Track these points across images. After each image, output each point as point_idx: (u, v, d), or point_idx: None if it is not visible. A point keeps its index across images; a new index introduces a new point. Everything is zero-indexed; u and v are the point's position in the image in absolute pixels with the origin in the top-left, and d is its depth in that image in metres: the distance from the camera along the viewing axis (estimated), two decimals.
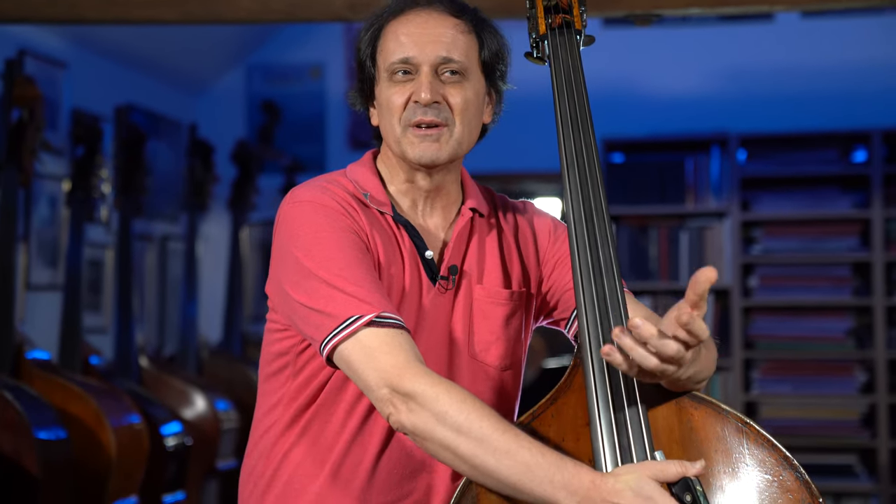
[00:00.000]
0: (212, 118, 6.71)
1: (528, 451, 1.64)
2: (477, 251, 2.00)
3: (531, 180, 6.74)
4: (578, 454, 1.74)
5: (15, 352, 4.02)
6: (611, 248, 1.81)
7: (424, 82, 1.90)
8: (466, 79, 1.93)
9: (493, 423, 1.66)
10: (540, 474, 1.62)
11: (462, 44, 1.93)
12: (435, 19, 1.93)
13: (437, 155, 1.92)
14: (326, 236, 1.84)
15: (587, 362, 1.74)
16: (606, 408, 1.71)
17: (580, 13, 2.03)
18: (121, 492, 4.07)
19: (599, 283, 1.78)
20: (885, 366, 5.83)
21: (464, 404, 1.67)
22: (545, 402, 1.80)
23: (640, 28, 4.08)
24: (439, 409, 1.68)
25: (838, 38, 6.27)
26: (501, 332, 1.98)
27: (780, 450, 1.74)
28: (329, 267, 1.80)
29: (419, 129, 1.91)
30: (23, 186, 4.29)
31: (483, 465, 1.65)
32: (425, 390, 1.69)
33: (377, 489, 1.91)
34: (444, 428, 1.67)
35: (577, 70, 1.97)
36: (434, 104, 1.90)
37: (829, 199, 5.99)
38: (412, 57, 1.91)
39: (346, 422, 1.91)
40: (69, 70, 5.47)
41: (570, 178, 1.87)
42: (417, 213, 2.00)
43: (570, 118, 1.92)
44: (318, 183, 1.95)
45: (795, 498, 1.71)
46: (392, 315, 1.77)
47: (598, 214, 1.83)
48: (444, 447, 1.68)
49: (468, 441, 1.66)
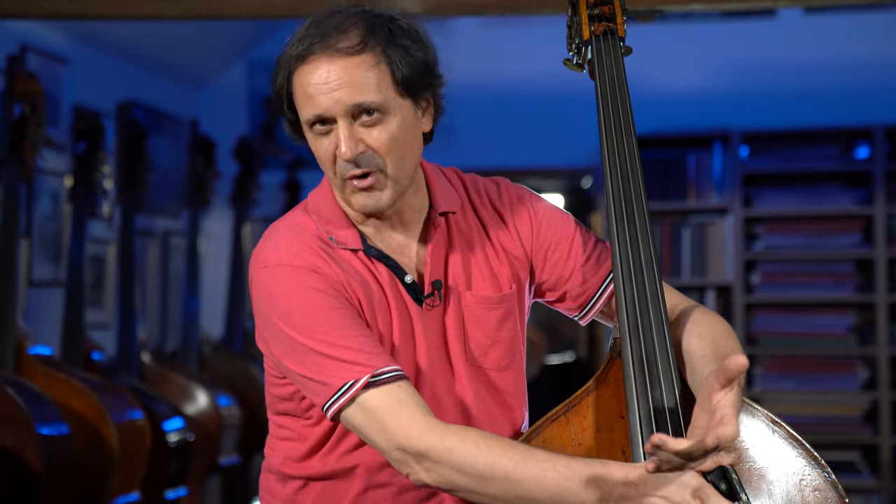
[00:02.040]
0: (213, 114, 6.71)
1: (555, 471, 1.66)
2: (460, 257, 1.96)
3: (534, 176, 6.75)
4: (612, 446, 1.80)
5: (17, 347, 4.02)
6: (651, 248, 1.86)
7: (343, 138, 1.81)
8: (387, 113, 1.82)
9: (514, 457, 1.68)
10: (573, 488, 1.65)
11: (372, 80, 1.81)
12: (336, 66, 1.80)
13: (379, 204, 1.85)
14: (303, 300, 1.81)
15: (627, 357, 1.78)
16: (645, 401, 1.74)
17: (623, 21, 2.06)
18: (123, 488, 4.07)
19: (640, 282, 1.83)
20: (887, 362, 5.83)
21: (479, 450, 1.68)
22: (581, 393, 1.84)
23: (642, 24, 4.07)
24: (456, 463, 1.69)
25: (840, 34, 6.26)
26: (496, 334, 1.97)
27: (808, 449, 1.78)
28: (313, 334, 1.79)
29: (353, 180, 1.84)
30: (25, 182, 4.29)
31: (517, 498, 1.68)
32: (437, 446, 1.70)
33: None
34: (467, 479, 1.69)
35: (620, 75, 1.99)
36: (360, 155, 1.82)
37: (832, 196, 5.99)
38: (324, 112, 1.81)
39: (363, 454, 1.91)
40: (71, 66, 5.46)
41: (612, 180, 1.91)
42: (384, 234, 1.93)
43: (612, 121, 1.96)
44: (282, 236, 1.89)
45: (823, 497, 1.76)
46: (387, 369, 1.76)
47: (639, 216, 1.88)
48: (472, 493, 1.71)
49: (495, 483, 1.68)
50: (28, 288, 5.04)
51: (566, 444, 1.81)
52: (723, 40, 6.41)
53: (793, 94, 6.29)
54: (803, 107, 6.25)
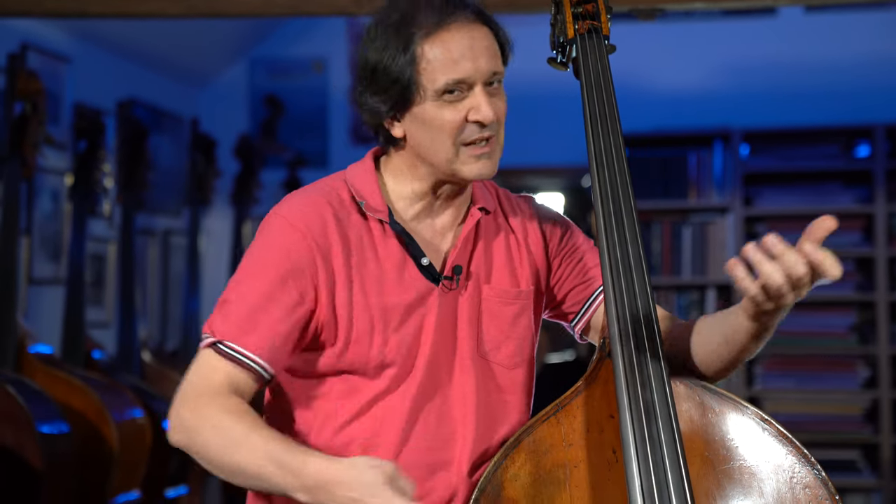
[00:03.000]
0: (214, 112, 6.70)
1: (260, 453, 1.75)
2: (484, 251, 2.00)
3: (534, 175, 6.74)
4: (602, 445, 1.81)
5: (17, 346, 4.02)
6: (640, 246, 1.86)
7: (484, 102, 1.86)
8: (502, 83, 1.92)
9: (235, 434, 1.77)
10: (273, 471, 1.73)
11: (498, 50, 1.91)
12: (477, 32, 1.88)
13: (493, 169, 1.92)
14: (265, 253, 1.89)
15: (616, 356, 1.78)
16: (637, 400, 1.74)
17: (607, 20, 2.06)
18: (123, 486, 4.07)
19: (629, 279, 1.83)
20: (887, 361, 5.83)
21: (229, 430, 1.78)
22: (570, 393, 1.85)
23: (643, 23, 4.07)
24: (208, 428, 1.81)
25: (841, 32, 6.26)
26: (511, 330, 1.98)
27: (798, 447, 1.79)
28: (242, 279, 1.89)
29: (474, 146, 1.88)
30: (25, 180, 4.29)
31: (231, 473, 1.80)
32: (191, 419, 1.84)
33: None
34: (210, 442, 1.81)
35: (605, 74, 1.99)
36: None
37: (832, 195, 5.99)
38: (468, 76, 1.86)
39: (359, 427, 1.92)
40: (72, 64, 5.46)
41: (599, 178, 1.91)
42: (430, 214, 1.98)
43: (598, 119, 1.95)
44: (311, 193, 1.95)
45: (814, 494, 1.77)
46: (243, 351, 1.84)
47: (626, 213, 1.88)
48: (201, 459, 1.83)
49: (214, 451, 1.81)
50: (28, 286, 5.04)
51: (557, 444, 1.81)
52: (724, 39, 6.40)
53: (793, 93, 6.29)
54: (804, 105, 6.25)
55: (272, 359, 1.86)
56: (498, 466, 1.81)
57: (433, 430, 1.92)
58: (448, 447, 1.92)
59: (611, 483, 1.79)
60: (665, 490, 1.68)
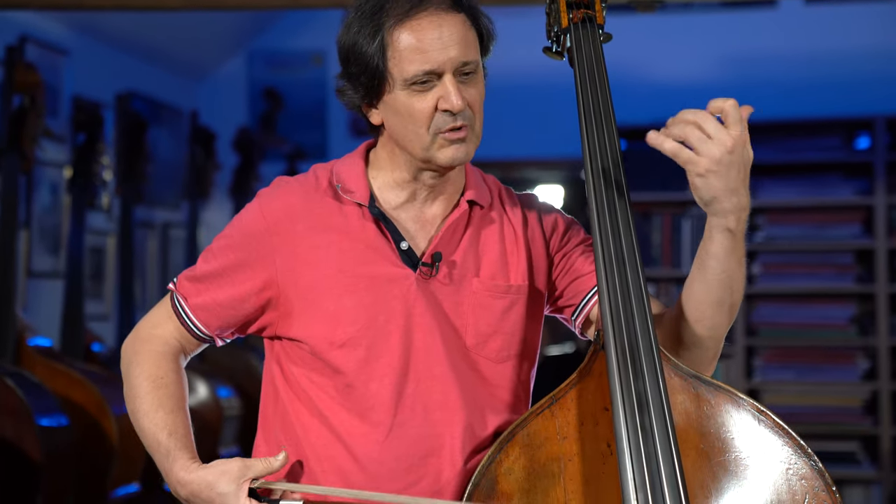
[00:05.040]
0: (213, 105, 6.70)
1: (155, 438, 1.95)
2: (473, 243, 1.99)
3: (533, 167, 6.73)
4: (597, 438, 1.79)
5: (17, 339, 4.03)
6: (633, 238, 1.84)
7: (453, 91, 1.86)
8: (477, 72, 1.92)
9: (146, 405, 1.98)
10: (158, 459, 1.95)
11: (471, 40, 1.90)
12: (447, 20, 1.87)
13: (467, 156, 1.92)
14: (238, 227, 2.01)
15: (609, 348, 1.77)
16: (629, 392, 1.73)
17: (601, 8, 2.04)
18: (123, 479, 4.07)
19: (622, 271, 1.81)
20: (887, 353, 5.83)
21: (139, 379, 2.01)
22: (565, 386, 1.84)
23: (642, 14, 4.06)
24: (125, 372, 2.05)
25: (841, 24, 6.25)
26: (499, 324, 1.97)
27: (794, 438, 1.78)
28: (216, 249, 2.03)
29: (448, 133, 1.89)
30: (24, 173, 4.29)
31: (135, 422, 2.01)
32: (128, 354, 2.06)
33: (386, 476, 1.92)
34: (130, 385, 2.03)
35: (599, 63, 1.97)
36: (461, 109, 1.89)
37: (832, 186, 5.98)
38: (437, 67, 1.86)
39: (343, 414, 1.93)
40: (70, 57, 5.46)
41: (592, 168, 1.88)
42: (416, 202, 1.98)
43: (592, 110, 1.93)
44: (293, 180, 2.03)
45: (810, 485, 1.76)
46: (185, 307, 2.03)
47: (620, 204, 1.86)
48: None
49: (130, 409, 2.01)
50: (28, 279, 5.04)
51: (551, 437, 1.80)
52: (723, 30, 6.39)
53: (793, 85, 6.28)
54: (804, 97, 6.24)
55: (214, 326, 2.02)
56: (492, 460, 1.80)
57: (420, 418, 1.91)
58: (437, 434, 1.92)
59: (605, 476, 1.78)
60: (658, 482, 1.67)
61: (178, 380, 2.02)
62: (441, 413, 1.92)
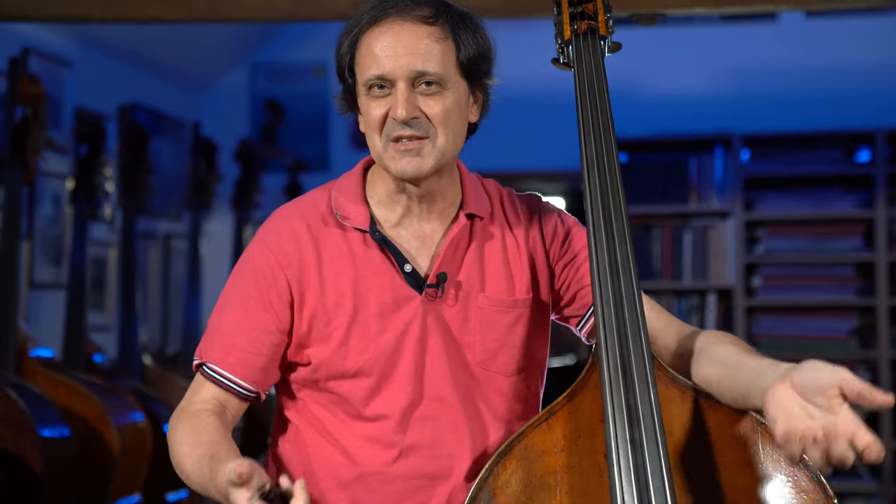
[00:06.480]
0: (215, 117, 6.71)
1: (200, 470, 1.82)
2: (476, 259, 1.98)
3: (535, 180, 6.75)
4: (594, 451, 1.78)
5: (19, 349, 4.03)
6: (629, 249, 1.84)
7: (400, 99, 1.86)
8: (445, 87, 1.89)
9: (186, 449, 1.87)
10: (207, 487, 1.81)
11: (437, 53, 1.88)
12: (408, 31, 1.87)
13: (420, 169, 1.89)
14: (243, 274, 1.98)
15: (603, 360, 1.76)
16: (620, 405, 1.73)
17: (605, 19, 2.04)
18: (124, 490, 4.07)
19: (617, 283, 1.81)
20: (888, 366, 5.83)
21: (183, 445, 1.88)
22: (562, 399, 1.83)
23: (644, 28, 4.07)
24: (173, 444, 1.91)
25: (842, 38, 6.26)
26: (507, 339, 1.97)
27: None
28: (226, 305, 1.99)
29: (399, 143, 1.89)
30: (27, 184, 4.29)
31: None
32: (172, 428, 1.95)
33: (396, 498, 1.93)
34: (173, 455, 1.92)
35: (600, 76, 1.97)
36: (413, 119, 1.87)
37: (833, 199, 5.99)
38: (386, 73, 1.87)
39: (352, 438, 1.95)
40: (73, 68, 5.47)
41: (590, 181, 1.89)
42: (413, 219, 1.98)
43: (591, 122, 1.93)
44: (292, 211, 2.00)
45: (810, 498, 1.75)
46: (220, 371, 1.94)
47: (616, 217, 1.86)
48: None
49: (176, 467, 1.90)
50: (29, 290, 5.04)
51: (548, 449, 1.80)
52: (725, 44, 6.41)
53: (794, 98, 6.29)
54: (805, 110, 6.25)
55: (252, 378, 1.95)
56: (489, 474, 1.79)
57: (429, 440, 1.92)
58: (447, 456, 1.93)
59: (601, 489, 1.77)
60: (647, 496, 1.67)
61: (220, 427, 1.92)
62: (451, 434, 1.93)
